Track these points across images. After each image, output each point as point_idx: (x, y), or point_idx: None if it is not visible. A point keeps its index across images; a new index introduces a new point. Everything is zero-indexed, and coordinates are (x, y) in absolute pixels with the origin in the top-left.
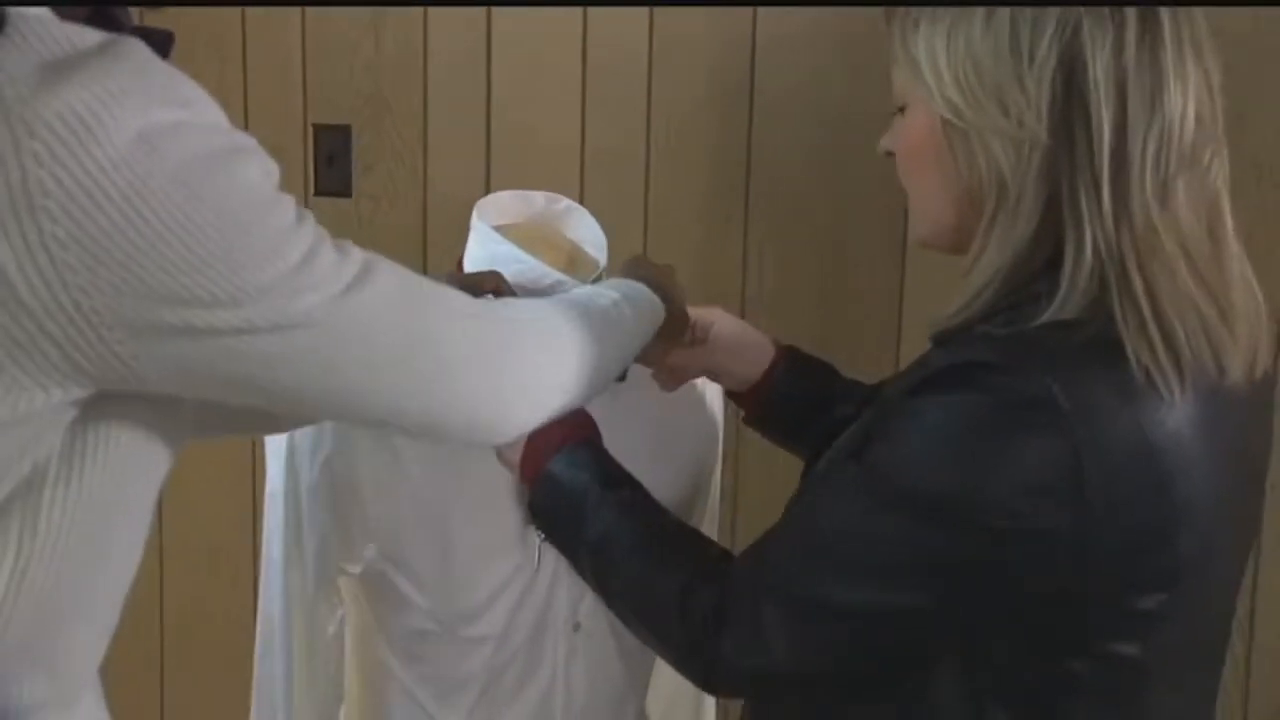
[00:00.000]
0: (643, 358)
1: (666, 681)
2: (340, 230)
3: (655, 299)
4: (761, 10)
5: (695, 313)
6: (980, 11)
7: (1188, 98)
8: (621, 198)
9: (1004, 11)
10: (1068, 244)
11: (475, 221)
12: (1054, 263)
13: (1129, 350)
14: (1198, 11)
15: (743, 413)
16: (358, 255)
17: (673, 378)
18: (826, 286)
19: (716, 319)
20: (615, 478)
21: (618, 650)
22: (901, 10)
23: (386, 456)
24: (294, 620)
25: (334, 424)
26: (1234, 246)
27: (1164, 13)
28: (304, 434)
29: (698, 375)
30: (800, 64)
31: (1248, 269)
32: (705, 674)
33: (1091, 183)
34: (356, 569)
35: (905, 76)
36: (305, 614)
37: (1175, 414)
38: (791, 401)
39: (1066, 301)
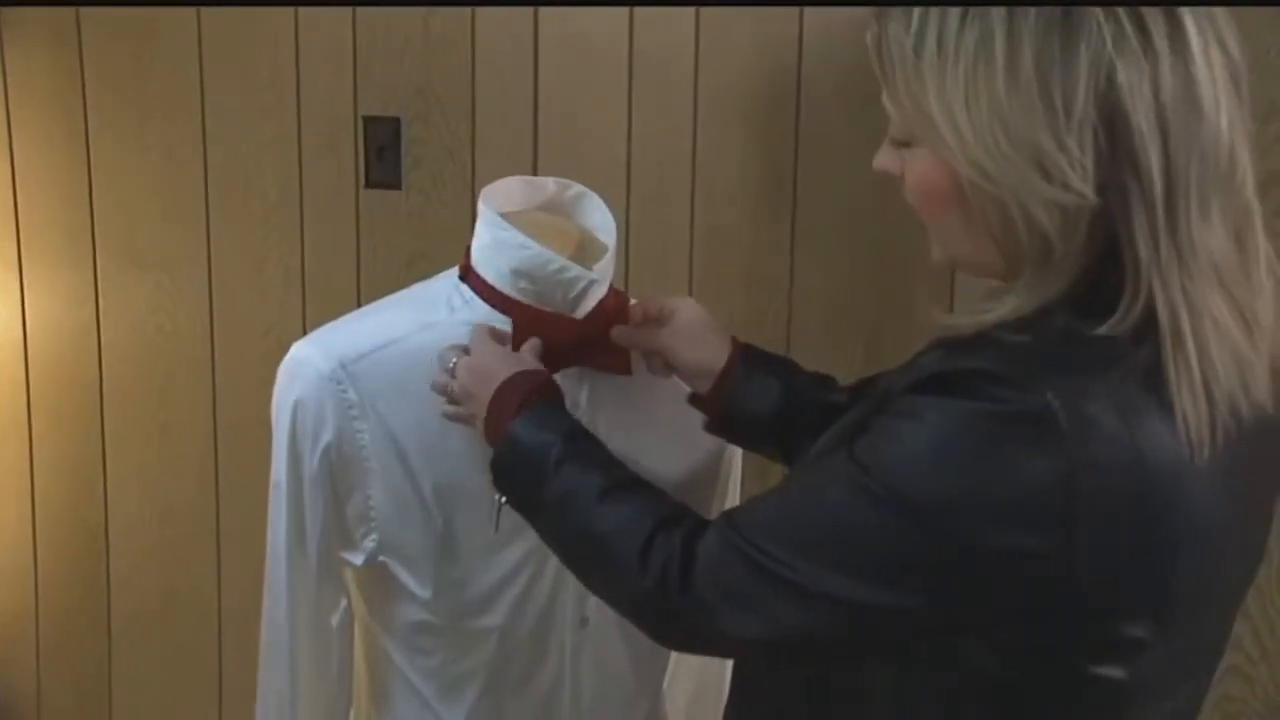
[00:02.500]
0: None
1: (688, 678)
2: (390, 222)
3: None
4: (809, 15)
5: (665, 300)
6: (1000, 60)
7: (1220, 110)
8: (668, 191)
9: (1027, 60)
10: (1124, 294)
11: (482, 208)
12: (1078, 293)
13: (1178, 410)
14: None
15: (705, 419)
16: None
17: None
18: (876, 282)
19: (682, 305)
20: (577, 435)
21: (626, 647)
22: (897, 56)
23: (387, 444)
24: (297, 611)
25: (334, 412)
26: (1261, 246)
27: (1190, 28)
28: (305, 423)
29: (652, 354)
30: (848, 54)
31: (1275, 261)
32: (659, 625)
33: (1148, 232)
34: (358, 560)
35: (918, 128)
36: (309, 604)
37: (1178, 437)
38: (751, 409)
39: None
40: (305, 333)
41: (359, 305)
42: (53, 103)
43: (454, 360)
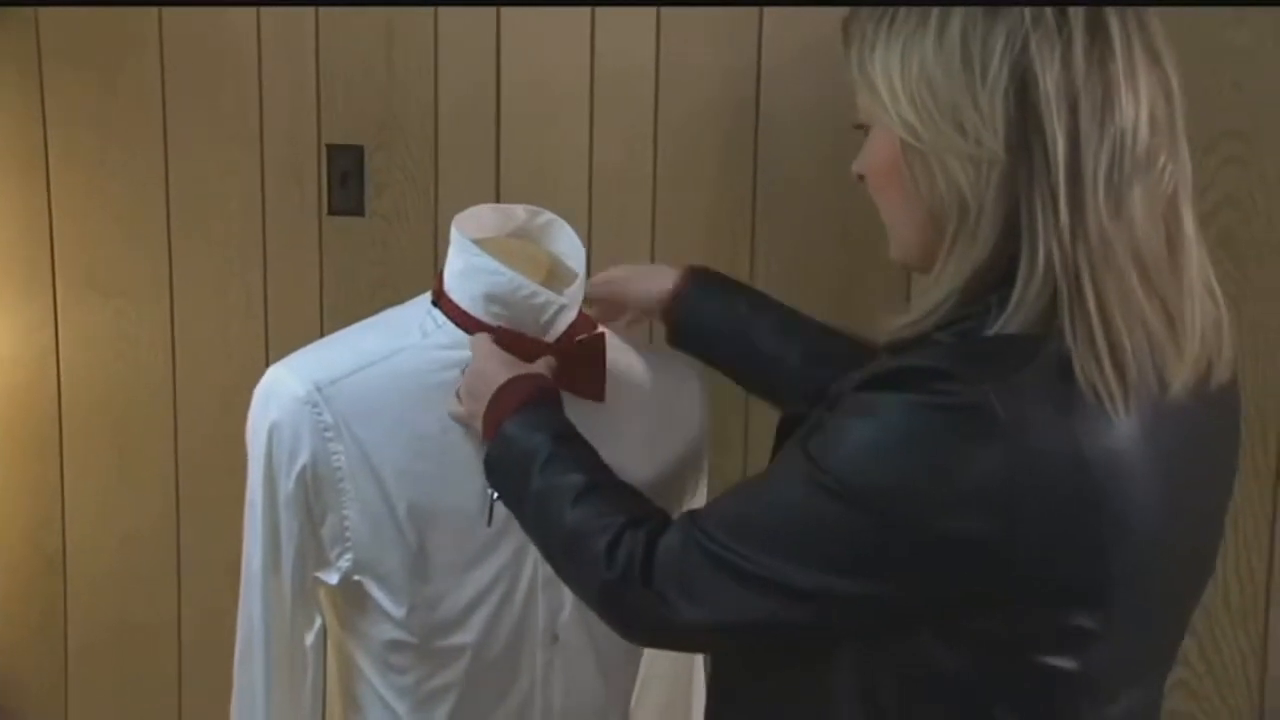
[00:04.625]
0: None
1: (655, 695)
2: (353, 249)
3: None
4: (767, 29)
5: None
6: (932, 29)
7: (1140, 105)
8: (629, 216)
9: (954, 29)
10: (1022, 259)
11: (455, 234)
12: (1007, 278)
13: (1076, 366)
14: (1152, 18)
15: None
16: None
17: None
18: (834, 304)
19: (613, 270)
20: (567, 438)
21: (596, 663)
22: (858, 33)
23: (361, 466)
24: (272, 631)
25: (310, 434)
26: (1194, 252)
27: (1113, 23)
28: (280, 445)
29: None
30: (806, 82)
31: (1210, 274)
32: (623, 618)
33: (1049, 197)
34: (333, 579)
35: (865, 98)
36: (284, 624)
37: (1115, 429)
38: (701, 318)
39: (1015, 315)
40: (268, 360)
41: (322, 332)
42: (12, 128)
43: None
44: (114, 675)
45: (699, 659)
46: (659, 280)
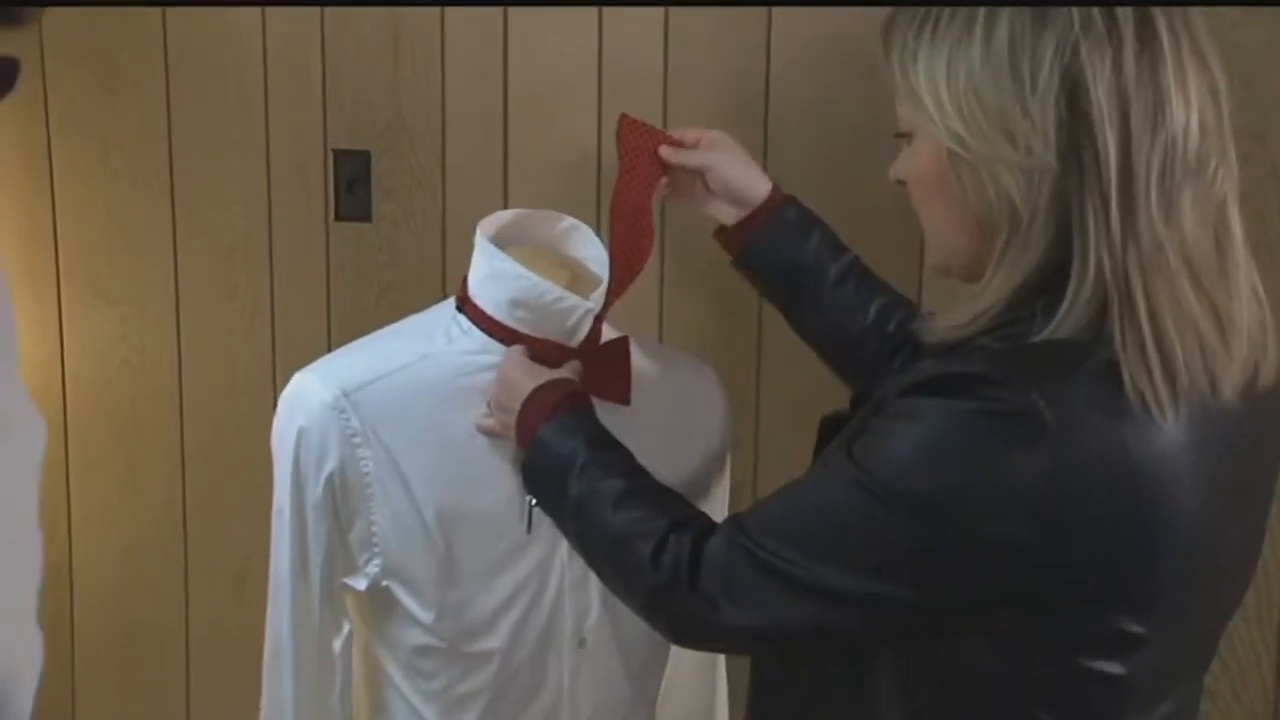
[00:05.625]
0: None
1: (679, 699)
2: (360, 254)
3: None
4: (776, 32)
5: (705, 131)
6: (978, 37)
7: (1190, 109)
8: None
9: (1001, 36)
10: (1073, 266)
11: (479, 238)
12: (1054, 283)
13: (1125, 374)
14: (1197, 18)
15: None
16: None
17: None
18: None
19: (719, 134)
20: (603, 443)
21: (623, 667)
22: (899, 41)
23: (389, 471)
24: (300, 637)
25: (338, 440)
26: (1241, 255)
27: (1161, 27)
28: (309, 449)
29: (694, 174)
30: (815, 85)
31: (1255, 278)
32: (671, 622)
33: (1100, 204)
34: (361, 585)
35: (908, 108)
36: (312, 630)
37: (1163, 435)
38: (782, 240)
39: (1064, 321)
40: (275, 367)
41: (329, 338)
42: (15, 132)
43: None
44: (121, 685)
45: (721, 662)
46: (758, 179)
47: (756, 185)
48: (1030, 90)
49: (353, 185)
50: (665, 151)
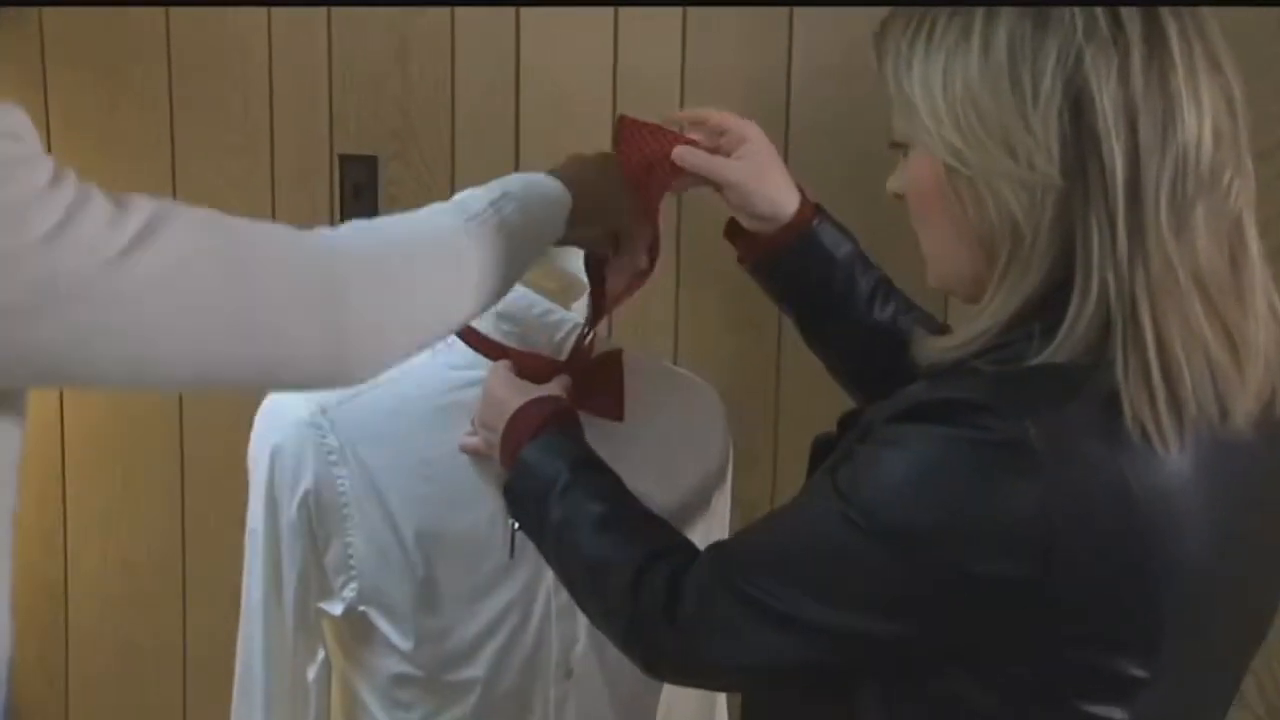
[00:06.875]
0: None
1: None
2: None
3: (555, 187)
4: (798, 30)
5: (730, 120)
6: (976, 45)
7: (1203, 118)
8: None
9: (1000, 44)
10: (1075, 287)
11: None
12: (1052, 303)
13: (1125, 402)
14: (1210, 19)
15: (742, 257)
16: (144, 208)
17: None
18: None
19: (750, 132)
20: (587, 464)
21: (612, 699)
22: (893, 48)
23: (367, 491)
24: (273, 665)
25: (314, 458)
26: (1258, 272)
27: (1171, 30)
28: (283, 469)
29: (708, 183)
30: (840, 86)
31: (1274, 294)
32: (647, 656)
33: (1106, 221)
34: (337, 610)
35: (903, 119)
36: (285, 657)
37: (1167, 466)
38: (809, 262)
39: (1064, 344)
40: None
41: None
42: None
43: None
44: (117, 705)
45: (722, 697)
46: (786, 195)
47: (785, 203)
48: (1031, 102)
49: (359, 191)
50: (680, 153)
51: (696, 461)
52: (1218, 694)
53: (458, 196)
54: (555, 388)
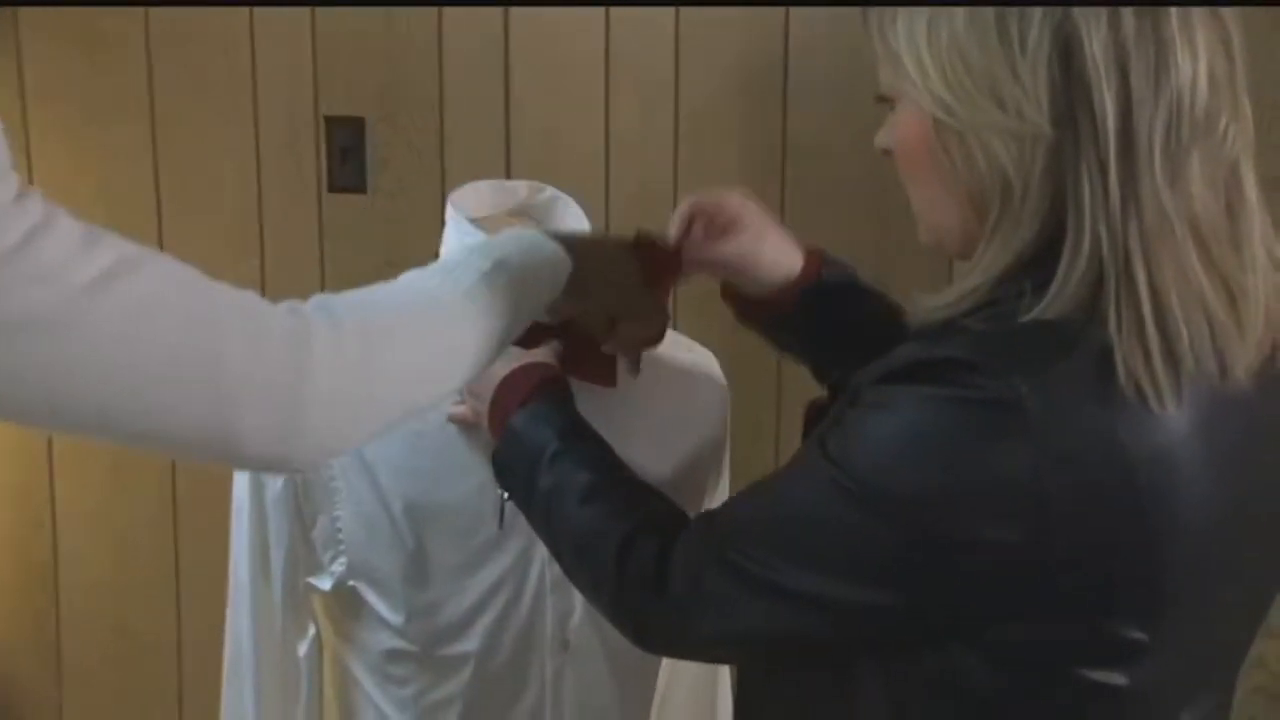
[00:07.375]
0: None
1: (677, 708)
2: (356, 228)
3: (554, 250)
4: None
5: (713, 198)
6: None
7: (1198, 61)
8: (649, 191)
9: None
10: (1067, 240)
11: (451, 213)
12: (1045, 259)
13: (1119, 359)
14: None
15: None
16: (116, 246)
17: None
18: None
19: (743, 209)
20: (576, 432)
21: (611, 671)
22: (878, 2)
23: (355, 463)
24: (262, 642)
25: None
26: (1256, 220)
27: None
28: None
29: (713, 270)
30: (840, 38)
31: (1274, 242)
32: (636, 627)
33: (1098, 171)
34: (326, 585)
35: (888, 73)
36: (274, 634)
37: (1165, 423)
38: (815, 322)
39: (1056, 300)
40: None
41: None
42: None
43: None
44: (111, 688)
45: (724, 669)
46: (788, 255)
47: (790, 264)
48: (1019, 50)
49: (347, 154)
50: (690, 261)
51: (692, 430)
52: (1223, 660)
53: (446, 259)
54: (545, 354)
